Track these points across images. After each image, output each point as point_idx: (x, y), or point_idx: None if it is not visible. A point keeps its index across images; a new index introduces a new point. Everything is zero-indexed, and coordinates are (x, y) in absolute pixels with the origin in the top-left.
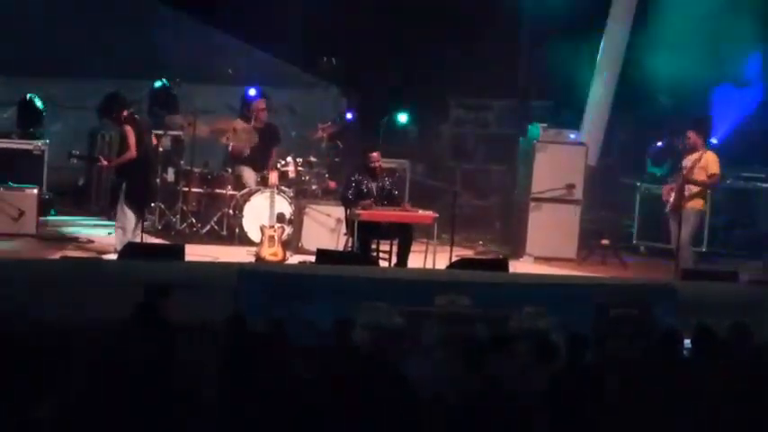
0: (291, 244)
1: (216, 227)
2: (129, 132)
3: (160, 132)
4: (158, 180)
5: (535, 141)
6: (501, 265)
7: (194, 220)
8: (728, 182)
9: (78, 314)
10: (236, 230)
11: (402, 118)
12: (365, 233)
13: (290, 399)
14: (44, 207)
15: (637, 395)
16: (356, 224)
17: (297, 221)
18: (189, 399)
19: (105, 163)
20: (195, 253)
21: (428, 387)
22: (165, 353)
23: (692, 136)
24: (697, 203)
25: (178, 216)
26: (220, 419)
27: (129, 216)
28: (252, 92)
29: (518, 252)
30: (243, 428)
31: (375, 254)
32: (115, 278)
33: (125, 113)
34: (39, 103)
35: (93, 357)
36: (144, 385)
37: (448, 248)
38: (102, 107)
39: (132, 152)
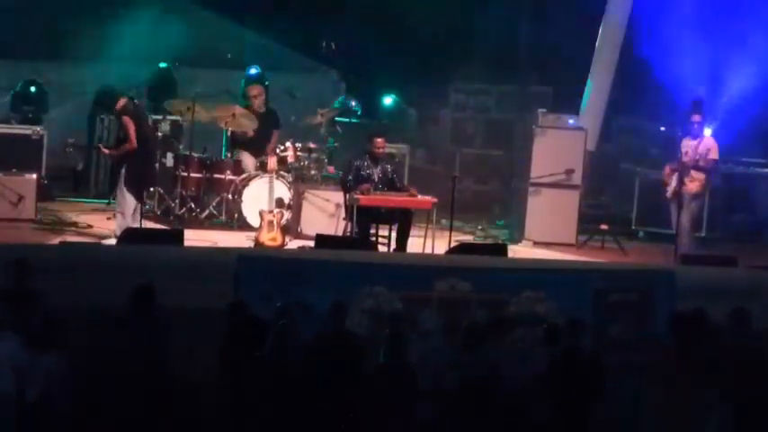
0: (290, 229)
1: (215, 212)
2: (129, 123)
3: (159, 117)
4: (157, 165)
5: (534, 126)
6: (500, 250)
7: (193, 205)
8: (728, 167)
9: (78, 299)
10: (236, 215)
11: (387, 100)
12: (364, 218)
13: (289, 384)
14: (43, 192)
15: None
16: (355, 209)
17: (296, 206)
18: (188, 385)
19: (106, 152)
20: (194, 238)
21: (427, 372)
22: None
23: (698, 119)
24: (698, 189)
25: (177, 201)
26: (220, 405)
27: (129, 200)
28: (253, 70)
29: (517, 237)
30: (243, 414)
31: (374, 239)
32: (115, 263)
33: (122, 102)
34: (36, 89)
35: (92, 342)
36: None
37: (447, 233)
38: (97, 101)
39: (133, 143)
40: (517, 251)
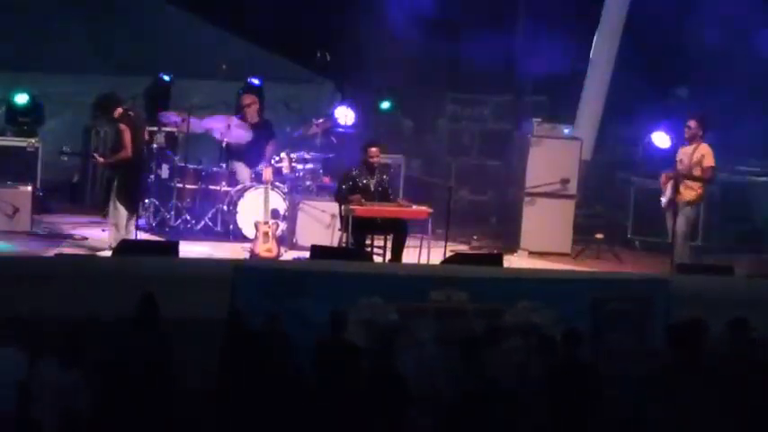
0: (286, 240)
1: (210, 223)
2: (125, 131)
3: (154, 129)
4: (152, 176)
5: (530, 136)
6: (496, 259)
7: (188, 217)
8: (724, 175)
9: (75, 311)
10: (231, 227)
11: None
12: (359, 229)
13: (287, 394)
14: (39, 204)
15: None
16: (350, 220)
17: (291, 217)
18: (188, 394)
19: (101, 160)
20: (189, 249)
21: (424, 382)
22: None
23: (693, 126)
24: (693, 197)
25: (172, 212)
26: (219, 415)
27: (121, 212)
28: (255, 81)
29: (513, 247)
30: (241, 423)
31: (369, 249)
32: (110, 275)
33: (120, 111)
34: (31, 100)
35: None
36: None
37: (443, 244)
38: (96, 105)
39: (127, 152)
40: (513, 261)
